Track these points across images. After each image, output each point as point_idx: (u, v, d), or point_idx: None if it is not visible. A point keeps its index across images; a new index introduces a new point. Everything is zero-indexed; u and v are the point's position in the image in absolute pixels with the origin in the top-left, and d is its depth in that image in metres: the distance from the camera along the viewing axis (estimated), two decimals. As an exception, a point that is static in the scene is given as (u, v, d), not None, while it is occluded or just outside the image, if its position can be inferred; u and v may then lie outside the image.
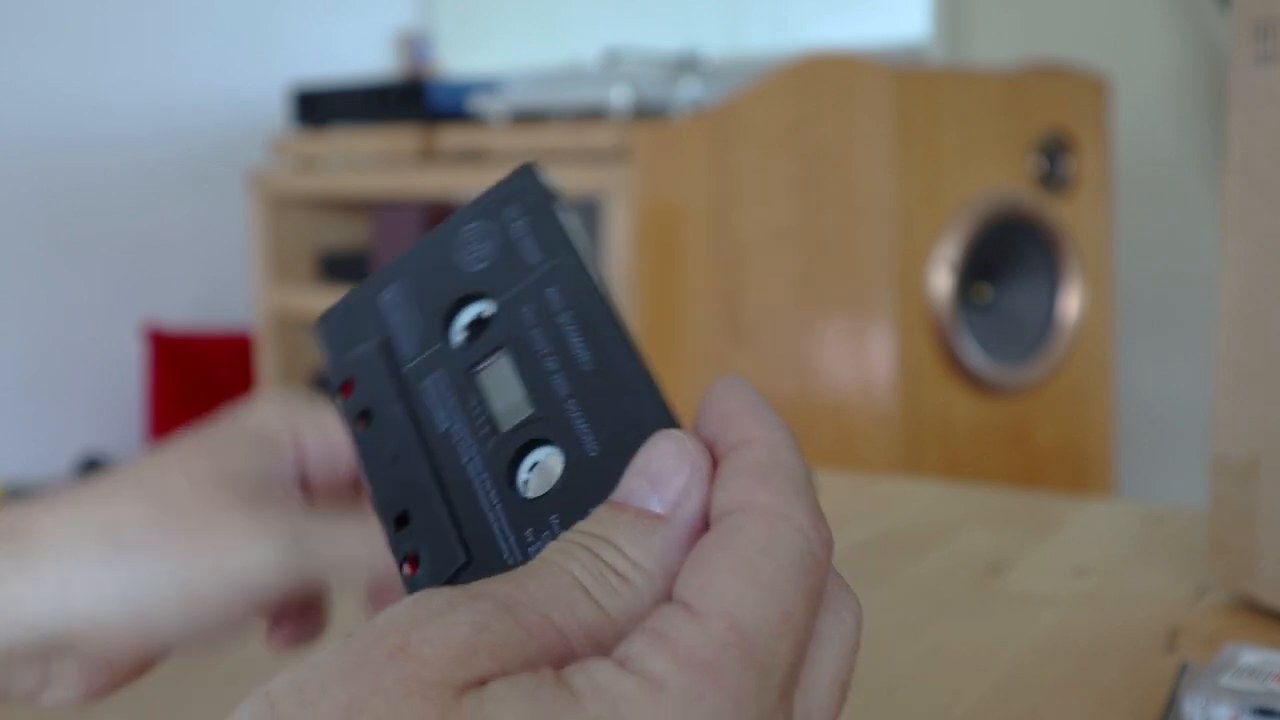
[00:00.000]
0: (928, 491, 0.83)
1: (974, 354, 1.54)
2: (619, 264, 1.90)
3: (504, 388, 0.30)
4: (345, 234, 2.62)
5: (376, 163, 2.41)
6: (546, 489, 0.28)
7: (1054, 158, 1.63)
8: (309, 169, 2.53)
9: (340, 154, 2.47)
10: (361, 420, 0.31)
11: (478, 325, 0.31)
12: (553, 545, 0.25)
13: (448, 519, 0.29)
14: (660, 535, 0.25)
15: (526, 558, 0.27)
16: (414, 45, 2.98)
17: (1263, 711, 0.40)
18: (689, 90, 2.09)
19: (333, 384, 0.32)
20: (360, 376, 0.31)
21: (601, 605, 0.24)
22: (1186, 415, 2.03)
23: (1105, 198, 1.71)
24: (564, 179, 2.01)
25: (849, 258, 1.52)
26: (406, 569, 0.28)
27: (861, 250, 1.51)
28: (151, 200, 2.65)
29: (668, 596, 0.25)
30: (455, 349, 0.31)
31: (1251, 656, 0.45)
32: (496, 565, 0.27)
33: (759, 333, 1.61)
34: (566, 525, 0.26)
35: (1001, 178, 1.57)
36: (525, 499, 0.28)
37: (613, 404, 0.28)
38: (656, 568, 0.25)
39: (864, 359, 1.51)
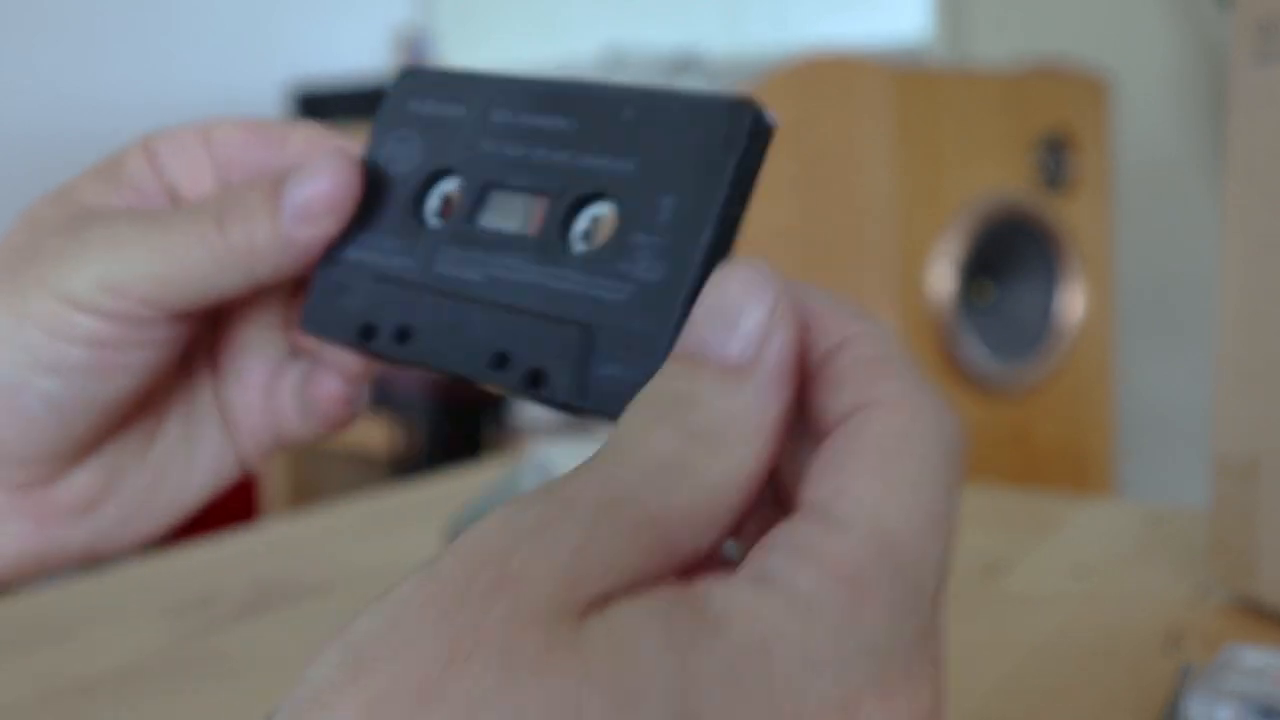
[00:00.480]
0: (928, 491, 0.83)
1: (974, 354, 1.54)
2: (619, 264, 1.90)
3: (508, 209, 0.30)
4: (345, 233, 2.62)
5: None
6: (609, 234, 0.28)
7: (1054, 157, 1.63)
8: (309, 168, 2.53)
9: (340, 153, 2.47)
10: (403, 340, 0.30)
11: (448, 201, 0.31)
12: (631, 417, 0.22)
13: (540, 325, 0.28)
14: (748, 385, 0.22)
15: (623, 297, 0.26)
16: (413, 43, 2.98)
17: (1264, 712, 0.40)
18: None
19: (351, 334, 0.31)
20: (375, 309, 0.31)
21: (698, 477, 0.21)
22: (1186, 415, 2.03)
23: (1105, 198, 1.71)
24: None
25: (849, 258, 1.52)
26: (536, 392, 0.27)
27: (861, 250, 1.51)
28: (151, 200, 2.65)
29: (772, 463, 0.22)
30: (444, 227, 0.31)
31: (1253, 657, 0.44)
32: (611, 314, 0.27)
33: (759, 332, 1.61)
34: (654, 248, 0.26)
35: (1001, 177, 1.57)
36: (593, 251, 0.28)
37: (627, 129, 0.28)
38: (749, 424, 0.22)
39: (864, 359, 1.51)
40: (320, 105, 2.50)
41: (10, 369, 0.31)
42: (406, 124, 0.31)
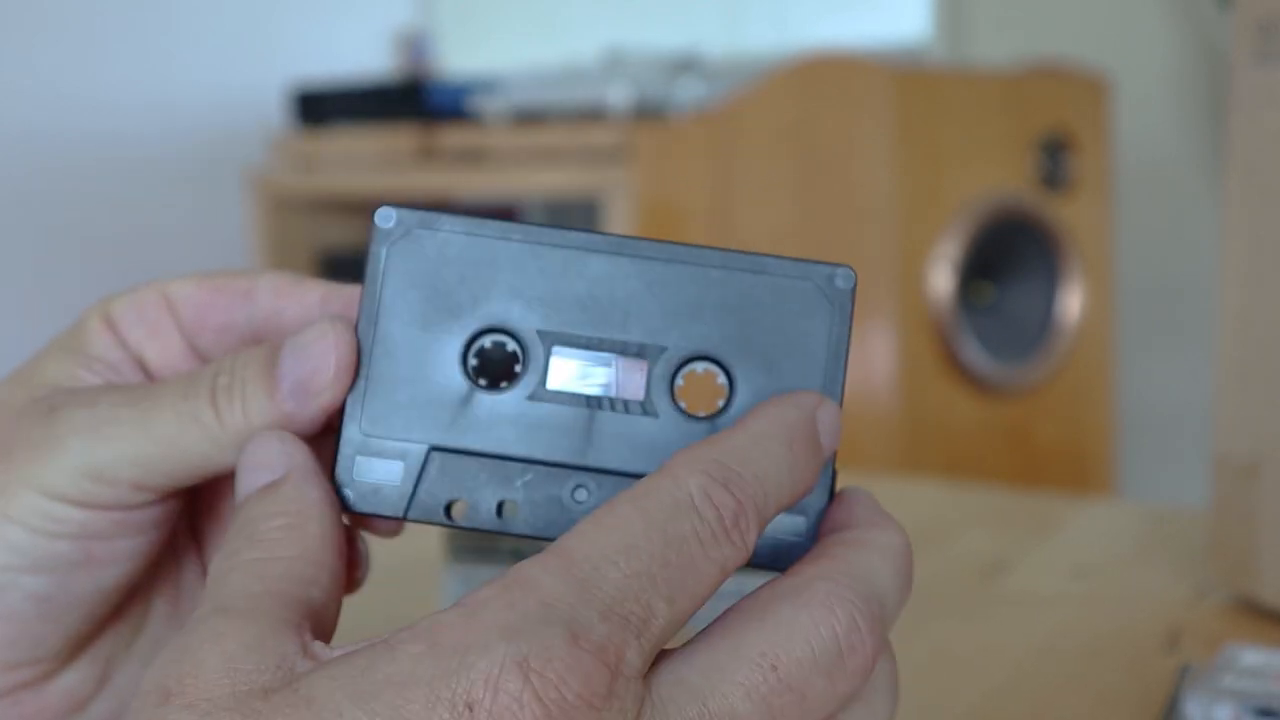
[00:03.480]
0: (928, 491, 0.83)
1: (974, 354, 1.54)
2: (619, 264, 1.90)
3: (575, 371, 0.29)
4: (345, 234, 2.62)
5: (376, 163, 2.41)
6: (723, 396, 0.29)
7: (1054, 158, 1.63)
8: (309, 169, 2.53)
9: (340, 154, 2.47)
10: (504, 514, 0.29)
11: (499, 357, 0.29)
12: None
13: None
14: (285, 488, 0.29)
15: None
16: (414, 45, 2.98)
17: (1264, 712, 0.40)
18: (689, 90, 2.09)
19: (438, 511, 0.29)
20: (450, 484, 0.29)
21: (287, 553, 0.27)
22: (1186, 415, 2.03)
23: (1105, 198, 1.71)
24: (564, 179, 2.01)
25: (849, 258, 1.51)
26: None
27: (861, 250, 1.51)
28: (151, 200, 2.65)
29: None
30: (508, 388, 0.29)
31: (1252, 657, 0.44)
32: None
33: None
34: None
35: (1001, 178, 1.57)
36: (708, 416, 0.29)
37: (721, 292, 0.29)
38: (310, 507, 0.29)
39: (864, 359, 1.51)
40: (320, 106, 2.50)
41: None
42: (411, 277, 0.29)
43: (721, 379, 0.28)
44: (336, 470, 0.29)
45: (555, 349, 0.29)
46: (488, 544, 0.57)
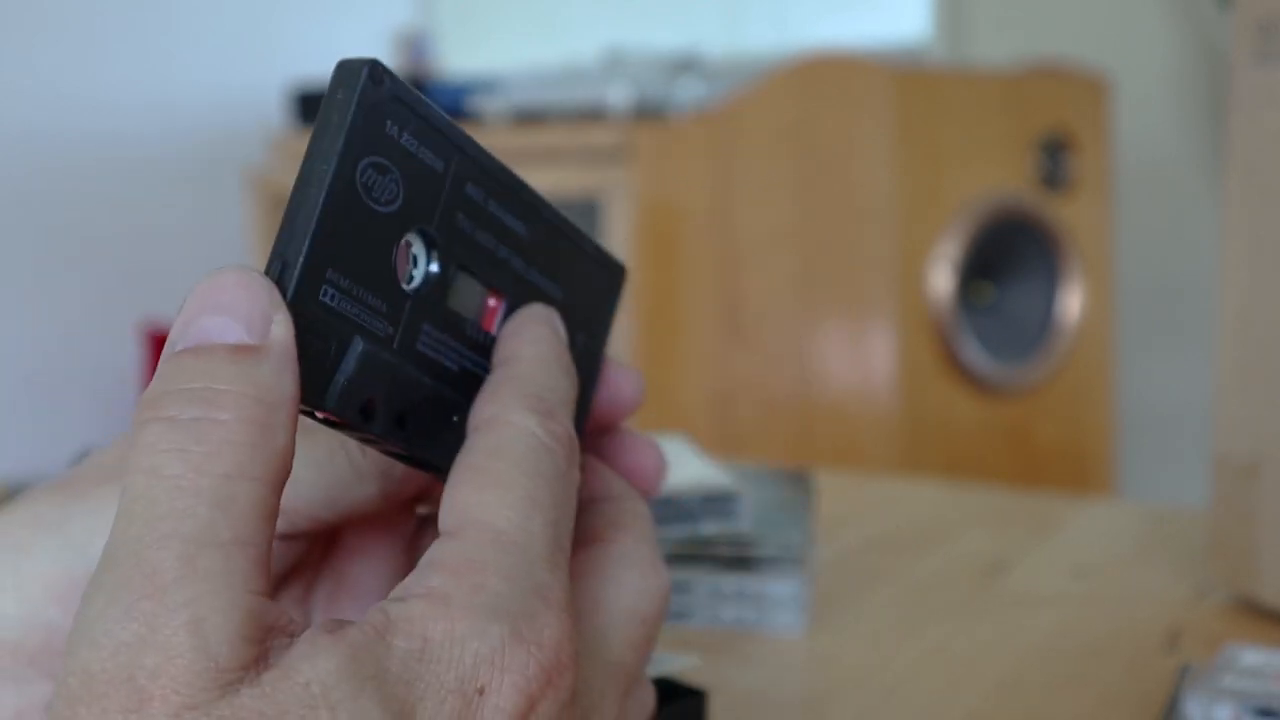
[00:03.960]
0: (928, 491, 0.83)
1: (974, 354, 1.54)
2: (619, 264, 1.90)
3: (470, 296, 0.30)
4: (345, 234, 2.62)
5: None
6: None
7: (1054, 158, 1.63)
8: (309, 169, 2.52)
9: (340, 154, 2.47)
10: (401, 425, 0.28)
11: (424, 259, 0.28)
12: (153, 436, 0.23)
13: None
14: (265, 363, 0.23)
15: None
16: (414, 44, 2.98)
17: (1264, 712, 0.40)
18: (689, 90, 2.09)
19: (354, 409, 0.27)
20: (368, 381, 0.27)
21: (254, 475, 0.22)
22: (1186, 415, 2.03)
23: (1105, 198, 1.71)
24: (564, 179, 2.01)
25: (849, 258, 1.52)
26: None
27: (861, 250, 1.51)
28: (151, 200, 2.65)
29: (287, 422, 0.24)
30: (421, 294, 0.28)
31: (1252, 657, 0.44)
32: None
33: (759, 333, 1.61)
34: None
35: (1001, 178, 1.57)
36: None
37: (562, 258, 0.32)
38: (277, 399, 0.23)
39: (864, 359, 1.51)
40: (320, 106, 2.50)
41: None
42: (384, 152, 0.27)
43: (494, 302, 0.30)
44: None
45: (460, 270, 0.29)
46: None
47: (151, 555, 0.21)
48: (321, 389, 0.26)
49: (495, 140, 2.20)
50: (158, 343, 2.60)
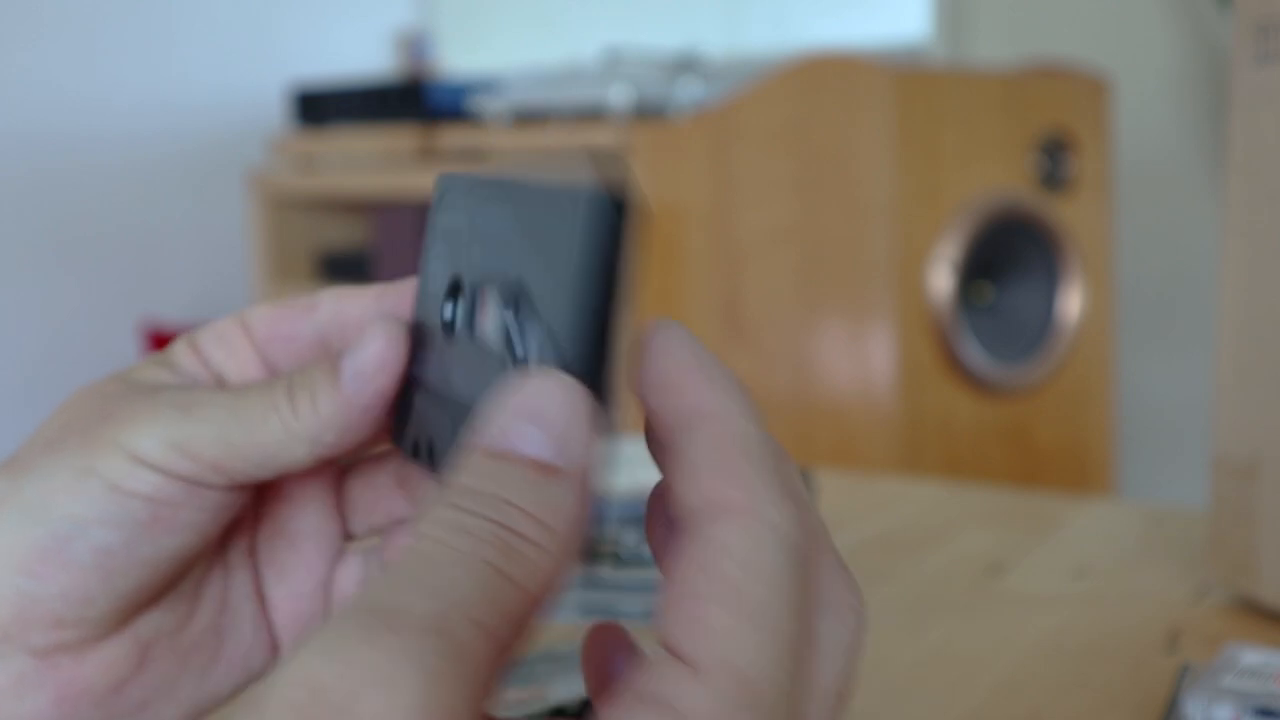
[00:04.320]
0: (928, 491, 0.83)
1: (974, 354, 1.54)
2: (619, 264, 1.90)
3: (496, 320, 0.30)
4: (344, 234, 2.62)
5: (376, 162, 2.41)
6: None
7: (1054, 158, 1.63)
8: (308, 169, 2.53)
9: (340, 154, 2.47)
10: (433, 456, 0.31)
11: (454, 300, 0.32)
12: (448, 517, 0.23)
13: None
14: (559, 488, 0.24)
15: None
16: (414, 45, 2.98)
17: (1264, 712, 0.40)
18: (689, 90, 2.09)
19: (409, 450, 0.33)
20: (420, 425, 0.32)
21: (519, 584, 0.23)
22: (1186, 415, 2.03)
23: (1105, 198, 1.71)
24: (564, 179, 2.01)
25: (849, 258, 1.52)
26: None
27: (861, 250, 1.51)
28: (151, 200, 2.65)
29: (572, 553, 0.24)
30: (453, 335, 0.32)
31: (1252, 657, 0.44)
32: None
33: (759, 333, 1.61)
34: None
35: (1001, 178, 1.57)
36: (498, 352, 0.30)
37: (516, 226, 0.29)
38: (561, 525, 0.24)
39: (864, 359, 1.51)
40: (320, 106, 2.50)
41: (66, 521, 0.31)
42: (438, 240, 0.33)
43: (502, 308, 0.29)
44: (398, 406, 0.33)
45: (464, 294, 0.31)
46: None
47: (404, 600, 0.22)
48: (399, 431, 0.33)
49: (495, 140, 2.20)
50: (158, 342, 2.60)
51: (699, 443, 0.24)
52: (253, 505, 0.36)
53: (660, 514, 0.27)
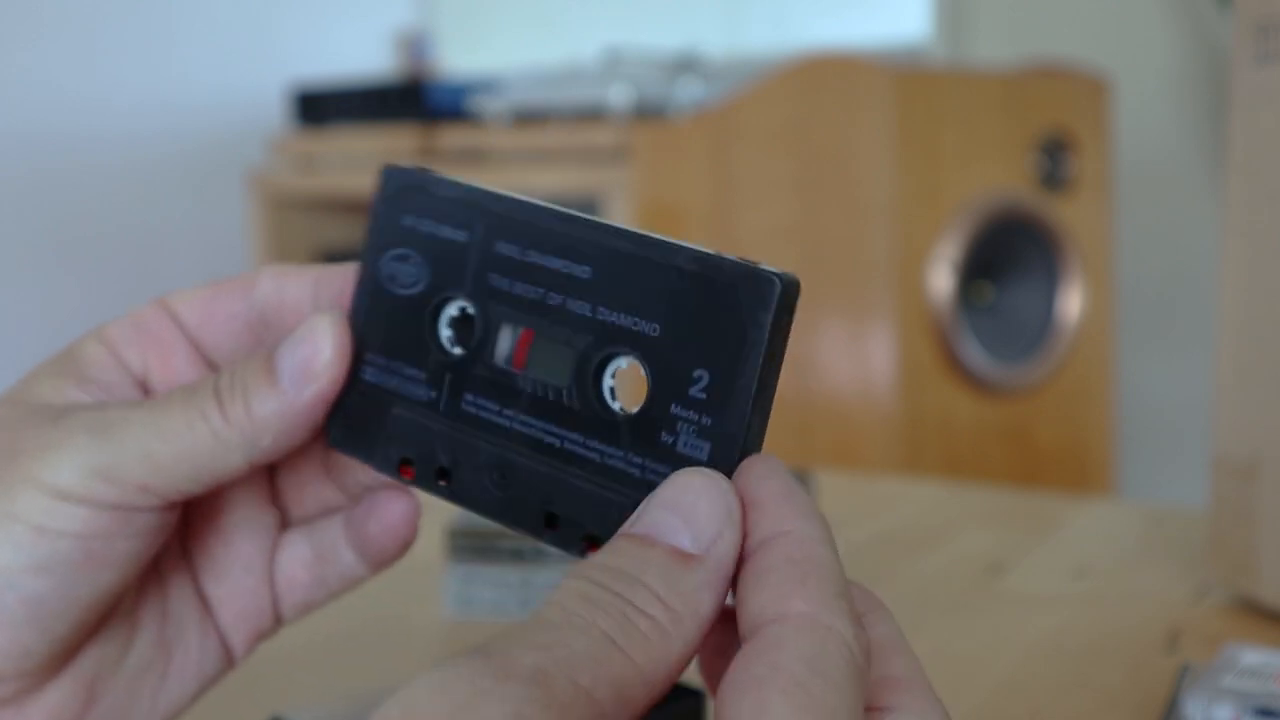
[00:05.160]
0: (928, 491, 0.83)
1: (974, 354, 1.54)
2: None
3: (535, 354, 0.29)
4: (345, 234, 2.62)
5: (376, 162, 2.40)
6: (640, 400, 0.28)
7: (1054, 158, 1.63)
8: (309, 169, 2.53)
9: (340, 154, 2.47)
10: (442, 480, 0.30)
11: (462, 324, 0.31)
12: (576, 587, 0.24)
13: (586, 491, 0.28)
14: (693, 575, 0.24)
15: (659, 466, 0.27)
16: (414, 45, 2.98)
17: (1264, 712, 0.40)
18: (689, 90, 2.09)
19: (391, 466, 0.31)
20: (408, 449, 0.31)
21: (631, 657, 0.23)
22: (1186, 415, 2.03)
23: (1105, 198, 1.71)
24: (564, 179, 2.01)
25: (849, 258, 1.52)
26: (590, 554, 0.28)
27: (861, 250, 1.51)
28: (151, 200, 2.65)
29: (695, 642, 0.24)
30: (463, 359, 0.30)
31: (1252, 657, 0.44)
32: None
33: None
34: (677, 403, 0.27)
35: (1001, 178, 1.57)
36: (630, 415, 0.28)
37: (638, 283, 0.28)
38: (687, 611, 0.24)
39: (864, 359, 1.51)
40: (320, 106, 2.50)
41: None
42: (404, 242, 0.31)
43: (644, 373, 0.28)
44: (333, 409, 0.31)
45: (503, 325, 0.30)
46: (488, 544, 0.57)
47: (516, 651, 0.22)
48: (368, 447, 0.31)
49: (495, 140, 2.20)
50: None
51: (773, 555, 0.25)
52: (181, 504, 0.33)
53: (713, 637, 0.27)
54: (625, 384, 0.29)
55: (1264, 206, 0.54)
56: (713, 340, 0.27)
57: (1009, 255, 1.61)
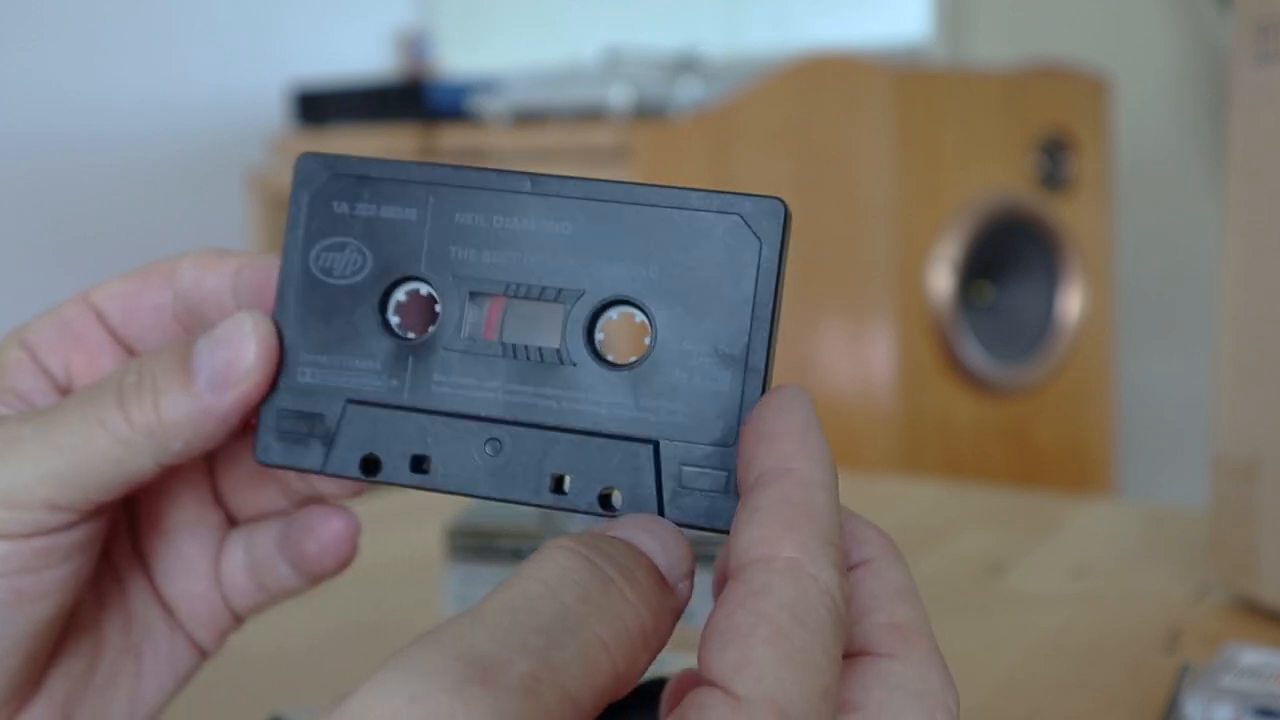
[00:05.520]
0: (928, 491, 0.83)
1: (974, 354, 1.54)
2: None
3: (511, 320, 0.28)
4: (345, 234, 2.62)
5: (376, 162, 2.41)
6: (644, 348, 0.28)
7: (1054, 158, 1.63)
8: (309, 169, 2.53)
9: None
10: (420, 469, 0.28)
11: (410, 307, 0.29)
12: (569, 572, 0.23)
13: (593, 444, 0.28)
14: (669, 599, 0.25)
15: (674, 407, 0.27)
16: (414, 45, 2.98)
17: (1263, 712, 0.40)
18: (689, 90, 2.09)
19: (355, 466, 0.29)
20: (369, 446, 0.29)
21: (616, 664, 0.23)
22: (1186, 415, 2.03)
23: (1105, 198, 1.71)
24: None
25: (849, 258, 1.52)
26: (607, 512, 0.27)
27: (861, 250, 1.51)
28: (151, 200, 2.65)
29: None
30: (425, 340, 0.29)
31: (1252, 657, 0.44)
32: (678, 429, 0.27)
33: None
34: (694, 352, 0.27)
35: (1001, 178, 1.57)
36: (636, 361, 0.28)
37: (628, 230, 0.27)
38: (660, 632, 0.24)
39: (864, 359, 1.51)
40: (320, 106, 2.50)
41: None
42: (339, 230, 0.29)
43: (640, 320, 0.28)
44: (260, 421, 0.29)
45: (471, 297, 0.28)
46: (488, 544, 0.57)
47: (503, 656, 0.21)
48: (320, 456, 0.29)
49: (495, 140, 2.20)
50: (158, 343, 2.60)
51: (771, 492, 0.25)
52: (125, 505, 0.32)
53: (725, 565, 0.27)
54: (615, 335, 0.28)
55: (1264, 206, 0.54)
56: (723, 271, 0.27)
57: (1009, 255, 1.61)
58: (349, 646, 0.55)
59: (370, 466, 0.29)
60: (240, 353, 0.28)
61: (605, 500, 0.27)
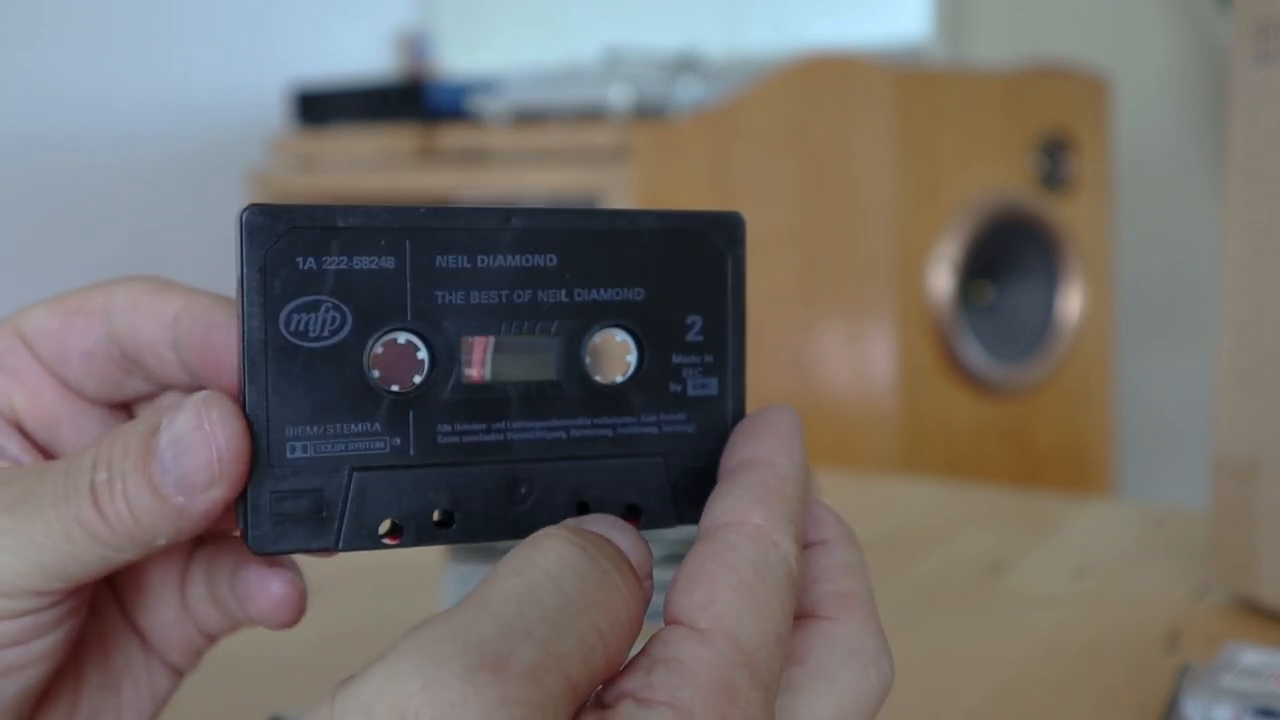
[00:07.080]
0: (928, 491, 0.83)
1: (974, 354, 1.54)
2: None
3: (503, 358, 0.28)
4: (345, 234, 2.62)
5: (376, 163, 2.41)
6: (628, 366, 0.29)
7: (1054, 158, 1.63)
8: (309, 169, 2.53)
9: (340, 154, 2.47)
10: (446, 525, 0.27)
11: (396, 355, 0.27)
12: (570, 561, 0.24)
13: (608, 460, 0.29)
14: (642, 599, 0.26)
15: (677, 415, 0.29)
16: (414, 45, 2.98)
17: (1263, 712, 0.40)
18: (689, 90, 2.09)
19: (374, 537, 0.27)
20: (386, 511, 0.27)
21: (608, 652, 0.24)
22: (1186, 415, 2.03)
23: (1105, 198, 1.71)
24: (564, 179, 2.01)
25: (849, 258, 1.52)
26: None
27: (861, 250, 1.51)
28: (151, 200, 2.65)
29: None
30: (421, 392, 0.27)
31: (1252, 657, 0.44)
32: (682, 438, 0.29)
33: (759, 332, 1.61)
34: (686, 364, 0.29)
35: (1001, 178, 1.57)
36: (630, 379, 0.29)
37: (610, 256, 0.29)
38: (635, 621, 0.26)
39: (864, 359, 1.51)
40: (320, 106, 2.50)
41: None
42: (308, 288, 0.26)
43: (621, 337, 0.29)
44: (249, 510, 0.26)
45: (462, 340, 0.27)
46: (488, 545, 0.57)
47: (511, 645, 0.22)
48: (332, 533, 0.27)
49: (495, 140, 2.20)
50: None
51: (750, 474, 0.27)
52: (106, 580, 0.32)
53: None
54: (605, 357, 0.29)
55: (1264, 206, 0.54)
56: (698, 285, 0.29)
57: (1009, 255, 1.61)
58: (349, 647, 0.55)
59: (393, 533, 0.27)
60: (204, 459, 0.25)
61: (633, 516, 0.29)
